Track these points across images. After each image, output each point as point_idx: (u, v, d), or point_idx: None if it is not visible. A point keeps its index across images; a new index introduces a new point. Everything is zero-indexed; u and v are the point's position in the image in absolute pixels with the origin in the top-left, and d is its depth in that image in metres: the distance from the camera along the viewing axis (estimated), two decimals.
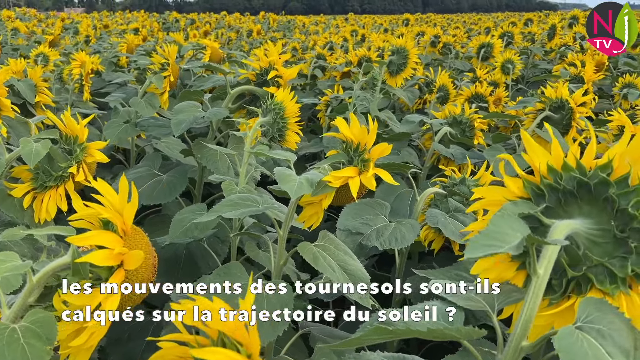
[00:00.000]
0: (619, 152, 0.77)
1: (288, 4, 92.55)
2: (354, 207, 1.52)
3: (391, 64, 2.75)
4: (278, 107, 1.41)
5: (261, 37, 8.04)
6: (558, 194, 0.82)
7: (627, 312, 0.74)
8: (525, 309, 0.71)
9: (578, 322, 0.69)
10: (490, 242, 0.69)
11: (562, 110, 1.98)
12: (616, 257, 0.77)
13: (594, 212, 0.79)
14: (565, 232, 0.75)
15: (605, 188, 0.78)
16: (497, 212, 0.76)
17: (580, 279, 0.79)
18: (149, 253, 0.79)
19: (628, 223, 0.76)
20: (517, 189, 0.87)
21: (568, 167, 0.81)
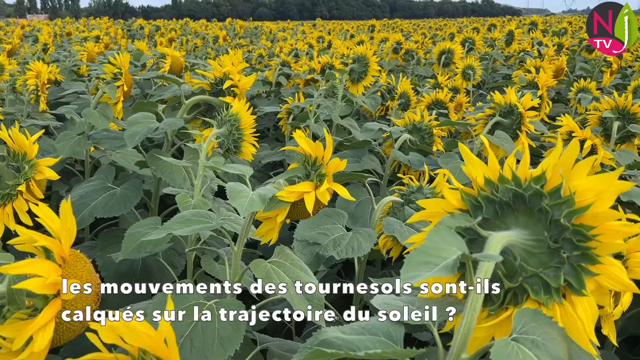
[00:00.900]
0: (552, 164, 0.78)
1: (256, 10, 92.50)
2: (312, 218, 1.52)
3: (352, 72, 2.76)
4: (233, 119, 1.40)
5: (227, 44, 8.00)
6: (495, 205, 0.83)
7: (561, 321, 0.75)
8: (464, 321, 0.72)
9: (514, 334, 0.69)
10: (426, 259, 0.68)
11: (512, 115, 2.02)
12: (550, 267, 0.78)
13: (530, 223, 0.81)
14: (501, 244, 0.76)
15: (539, 199, 0.79)
16: (433, 226, 0.77)
17: (516, 289, 0.79)
18: (90, 281, 0.77)
19: (561, 233, 0.77)
20: (455, 201, 0.87)
21: (504, 178, 0.82)
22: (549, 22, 15.61)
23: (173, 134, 1.82)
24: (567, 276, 0.76)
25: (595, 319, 0.76)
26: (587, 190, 0.75)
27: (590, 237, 0.75)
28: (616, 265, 0.75)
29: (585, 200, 0.75)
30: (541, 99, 2.49)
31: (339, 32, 11.21)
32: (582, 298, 0.76)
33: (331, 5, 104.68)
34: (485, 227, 0.84)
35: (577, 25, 11.04)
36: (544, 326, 0.70)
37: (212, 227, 1.01)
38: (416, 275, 0.67)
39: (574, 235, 0.76)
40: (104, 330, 0.61)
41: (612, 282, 0.75)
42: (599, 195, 0.74)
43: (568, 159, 0.76)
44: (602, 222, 0.74)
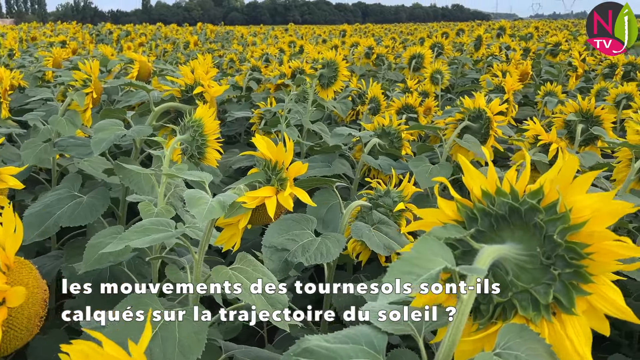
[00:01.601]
0: (550, 179, 0.77)
1: (229, 15, 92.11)
2: (280, 223, 1.51)
3: (322, 77, 2.77)
4: (197, 124, 1.38)
5: (198, 49, 7.94)
6: (491, 218, 0.82)
7: (549, 338, 0.74)
8: (449, 333, 0.71)
9: (497, 349, 0.69)
10: (409, 269, 0.67)
11: (481, 120, 2.06)
12: (542, 284, 0.77)
13: (525, 237, 0.79)
14: (492, 257, 0.75)
15: (534, 214, 0.77)
16: (421, 237, 0.75)
17: (505, 304, 0.79)
18: (37, 287, 0.75)
19: (554, 250, 0.76)
20: (451, 212, 0.85)
21: (501, 192, 0.81)
22: (516, 26, 15.93)
23: (141, 141, 1.80)
24: (558, 294, 0.75)
25: (589, 340, 0.74)
26: (584, 207, 0.73)
27: (583, 255, 0.74)
28: (610, 286, 0.74)
29: (581, 218, 0.74)
30: (507, 103, 2.54)
31: (311, 36, 11.23)
32: (573, 318, 0.74)
33: (303, 9, 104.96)
34: (479, 240, 0.83)
35: (543, 29, 11.30)
36: (530, 342, 0.70)
37: (172, 235, 0.99)
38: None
39: (567, 253, 0.75)
40: (75, 353, 0.59)
41: (605, 304, 0.74)
42: (595, 214, 0.73)
43: (567, 174, 0.75)
44: (598, 241, 0.73)
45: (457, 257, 0.82)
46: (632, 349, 1.77)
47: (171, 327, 0.97)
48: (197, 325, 0.98)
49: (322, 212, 2.18)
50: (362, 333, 0.75)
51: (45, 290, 0.77)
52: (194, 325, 0.98)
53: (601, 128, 2.18)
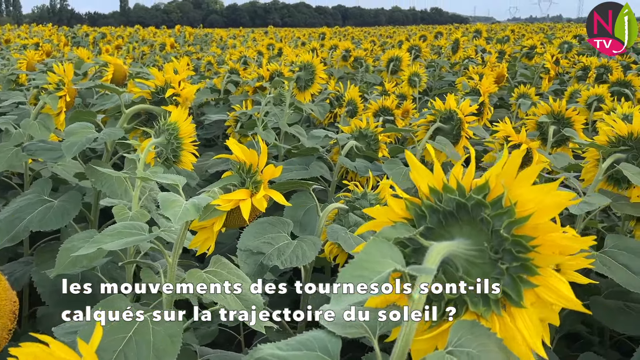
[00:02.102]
0: (495, 173, 0.77)
1: (208, 17, 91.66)
2: (256, 226, 1.51)
3: (299, 80, 2.77)
4: (172, 127, 1.38)
5: (176, 51, 7.88)
6: (439, 215, 0.82)
7: (500, 333, 0.75)
8: (402, 333, 0.70)
9: (449, 346, 0.69)
10: (360, 273, 0.67)
11: (452, 121, 2.08)
12: (491, 278, 0.77)
13: (473, 233, 0.80)
14: (441, 255, 0.74)
15: (481, 209, 0.78)
16: (371, 238, 0.75)
17: (457, 301, 0.79)
18: (4, 300, 0.74)
19: (501, 244, 0.76)
20: (400, 210, 0.85)
21: (448, 188, 0.81)
22: (494, 29, 16.14)
23: (113, 144, 1.78)
24: (506, 287, 0.76)
25: (540, 332, 0.75)
26: (529, 200, 0.74)
27: (529, 248, 0.74)
28: (556, 277, 0.75)
29: (526, 211, 0.74)
30: (483, 105, 2.57)
31: (290, 39, 11.24)
32: (522, 310, 0.75)
33: (283, 12, 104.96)
34: (429, 237, 0.83)
35: (520, 32, 11.47)
36: (481, 338, 0.70)
37: (145, 239, 0.99)
38: (349, 290, 0.67)
39: (514, 246, 0.75)
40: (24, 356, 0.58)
41: (552, 295, 0.75)
42: (539, 206, 0.73)
43: (511, 168, 0.75)
44: (543, 234, 0.74)
45: (407, 255, 0.82)
46: (603, 346, 1.80)
47: (145, 330, 0.96)
48: (172, 329, 0.98)
49: (299, 215, 2.19)
50: (316, 338, 0.75)
51: (15, 301, 0.76)
52: (169, 329, 0.97)
53: (572, 129, 2.22)
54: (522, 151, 0.78)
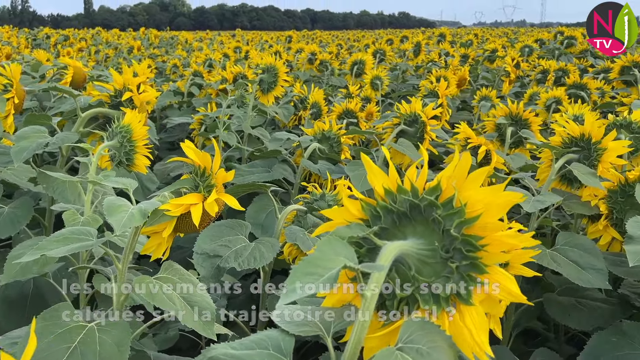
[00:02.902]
0: (447, 175, 0.79)
1: (175, 20, 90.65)
2: (213, 229, 1.49)
3: (262, 82, 2.76)
4: (125, 130, 1.35)
5: (141, 54, 7.76)
6: (393, 215, 0.83)
7: (449, 330, 0.76)
8: (354, 331, 0.71)
9: (400, 343, 0.70)
10: (311, 270, 0.67)
11: (416, 124, 2.10)
12: (442, 277, 0.79)
13: (426, 233, 0.81)
14: (394, 253, 0.76)
15: (433, 210, 0.80)
16: (325, 237, 0.76)
17: (409, 299, 0.80)
18: None
19: (452, 243, 0.78)
20: (356, 211, 0.86)
21: (402, 189, 0.83)
22: (459, 34, 16.40)
23: (68, 149, 1.74)
24: (456, 285, 0.77)
25: (486, 328, 0.77)
26: (478, 201, 0.77)
27: (478, 247, 0.76)
28: (503, 274, 0.77)
29: (475, 211, 0.77)
30: (442, 107, 2.60)
31: (257, 42, 11.20)
32: (471, 308, 0.77)
33: (252, 15, 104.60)
34: (383, 237, 0.84)
35: (484, 37, 11.69)
36: (431, 335, 0.72)
37: (92, 244, 0.96)
38: (297, 287, 0.67)
39: (464, 245, 0.77)
40: None
41: (501, 292, 0.77)
42: (488, 206, 0.76)
43: (461, 170, 0.78)
44: (490, 233, 0.76)
45: (363, 255, 0.84)
46: (558, 341, 1.85)
47: (91, 339, 0.94)
48: (120, 337, 0.96)
49: (262, 218, 2.17)
50: (270, 337, 0.75)
51: None
52: (116, 337, 0.95)
53: (529, 131, 2.27)
54: (468, 155, 0.79)
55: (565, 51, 6.21)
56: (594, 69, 4.99)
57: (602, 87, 3.83)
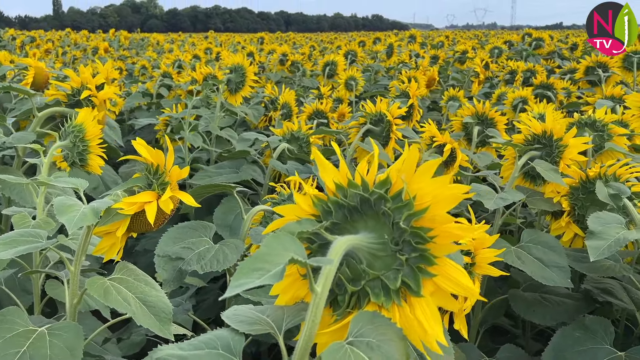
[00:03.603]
0: (397, 168, 0.79)
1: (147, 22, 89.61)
2: (176, 231, 1.47)
3: (230, 82, 2.73)
4: (77, 129, 1.31)
5: (110, 55, 7.63)
6: (344, 210, 0.83)
7: (399, 322, 0.76)
8: (306, 327, 0.70)
9: (350, 337, 0.69)
10: (259, 266, 0.66)
11: (382, 123, 2.10)
12: (392, 269, 0.79)
13: (377, 226, 0.81)
14: (344, 247, 0.75)
15: (383, 203, 0.80)
16: (272, 233, 0.75)
17: (360, 293, 0.80)
18: None
19: (401, 236, 0.78)
20: (308, 207, 0.87)
21: (353, 183, 0.83)
22: (431, 36, 16.58)
23: (25, 150, 1.68)
24: (406, 278, 0.78)
25: (439, 320, 0.77)
26: (426, 194, 0.77)
27: (427, 239, 0.77)
28: (454, 267, 0.78)
29: (424, 204, 0.77)
30: (412, 108, 2.61)
31: (230, 44, 11.11)
32: (421, 300, 0.77)
33: (225, 18, 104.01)
34: (335, 232, 0.84)
35: (455, 39, 11.83)
36: (382, 328, 0.71)
37: (41, 246, 0.93)
38: (245, 282, 0.65)
39: (413, 238, 0.77)
40: None
41: (450, 284, 0.77)
42: (436, 199, 0.76)
43: (410, 163, 0.78)
44: (439, 225, 0.76)
45: (314, 251, 0.84)
46: (525, 337, 1.86)
47: (41, 344, 0.90)
48: (71, 341, 0.92)
49: (230, 219, 2.14)
50: (219, 337, 0.73)
51: None
52: (68, 341, 0.92)
53: (495, 129, 2.29)
54: (416, 148, 0.79)
55: (533, 52, 6.32)
56: (561, 70, 5.08)
57: (569, 87, 3.90)
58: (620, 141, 1.98)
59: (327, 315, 0.85)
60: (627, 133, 1.99)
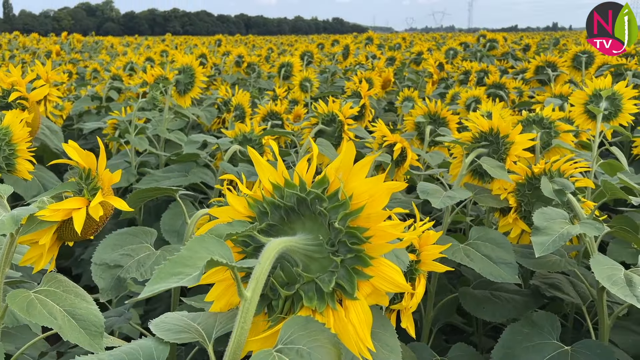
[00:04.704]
0: (335, 167, 0.77)
1: (103, 25, 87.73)
2: (115, 238, 1.40)
3: (179, 84, 2.66)
4: (2, 133, 1.23)
5: (61, 59, 7.39)
6: (281, 211, 0.81)
7: (334, 327, 0.73)
8: (234, 335, 0.66)
9: (279, 344, 0.66)
10: (179, 270, 0.63)
11: (334, 124, 2.08)
12: (328, 272, 0.76)
13: (314, 227, 0.79)
14: (276, 250, 0.72)
15: (319, 203, 0.77)
16: (196, 235, 0.70)
17: (294, 297, 0.77)
18: None
19: (337, 236, 0.76)
20: (243, 208, 0.84)
21: (290, 183, 0.80)
22: (390, 38, 16.76)
23: None
24: (341, 280, 0.75)
25: (370, 323, 0.75)
26: (362, 192, 0.75)
27: (363, 239, 0.74)
28: (390, 266, 0.76)
29: (360, 203, 0.75)
30: (364, 108, 2.60)
31: (186, 46, 10.94)
32: (356, 302, 0.75)
33: (184, 20, 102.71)
34: (272, 234, 0.81)
35: (412, 40, 11.95)
36: (314, 334, 0.68)
37: None
38: (159, 286, 0.61)
39: (348, 238, 0.75)
40: None
41: (386, 284, 0.75)
42: (372, 197, 0.74)
43: (347, 162, 0.76)
44: (374, 224, 0.74)
45: (249, 254, 0.81)
46: (478, 335, 1.87)
47: None
48: None
49: (178, 224, 2.08)
50: (142, 346, 0.69)
51: None
52: None
53: (447, 129, 2.30)
54: (352, 145, 0.77)
55: (488, 53, 6.44)
56: (514, 70, 5.19)
57: (520, 86, 3.97)
58: (567, 138, 2.01)
59: (262, 322, 0.81)
60: (572, 130, 2.02)
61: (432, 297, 1.60)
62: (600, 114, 1.97)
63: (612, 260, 1.26)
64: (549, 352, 1.30)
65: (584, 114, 2.30)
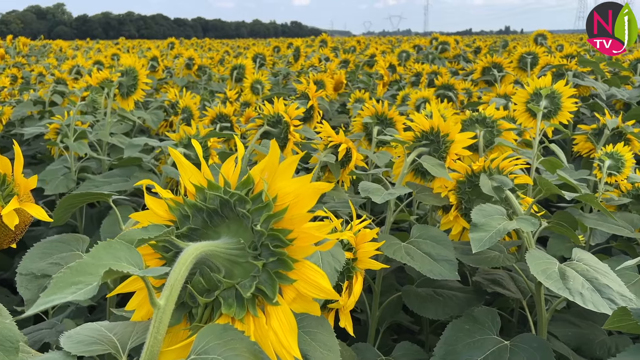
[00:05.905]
0: (260, 168, 0.75)
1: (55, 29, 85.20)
2: (43, 246, 1.34)
3: (122, 86, 2.58)
4: None
5: (5, 63, 7.11)
6: (203, 214, 0.78)
7: (254, 335, 0.71)
8: (147, 345, 0.63)
9: (192, 355, 0.63)
10: (78, 279, 0.58)
11: (280, 125, 2.06)
12: (250, 277, 0.74)
13: (239, 231, 0.76)
14: (194, 255, 0.69)
15: (243, 205, 0.75)
16: (102, 242, 0.66)
17: (214, 304, 0.74)
18: None
19: (260, 239, 0.73)
20: (163, 212, 0.81)
21: (213, 185, 0.77)
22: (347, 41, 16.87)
23: None
24: (262, 285, 0.73)
25: (295, 329, 0.72)
26: (287, 193, 0.73)
27: (286, 242, 0.72)
28: (314, 270, 0.73)
29: (284, 204, 0.72)
30: (312, 109, 2.58)
31: (138, 50, 10.71)
32: (278, 308, 0.72)
33: (140, 24, 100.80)
34: (195, 238, 0.78)
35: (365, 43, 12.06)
36: (232, 343, 0.65)
37: None
38: (55, 299, 0.57)
39: (271, 241, 0.73)
40: None
41: (311, 289, 0.73)
42: (297, 198, 0.72)
43: (272, 162, 0.73)
44: (298, 225, 0.72)
45: (169, 260, 0.77)
46: (425, 333, 1.87)
47: None
48: None
49: (118, 231, 2.01)
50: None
51: None
52: None
53: (394, 129, 2.31)
54: (276, 145, 0.75)
55: (440, 56, 6.55)
56: (463, 72, 5.29)
57: (469, 87, 4.04)
58: (509, 136, 2.05)
59: (183, 331, 0.78)
60: (514, 128, 2.06)
61: (377, 297, 1.59)
62: (540, 112, 2.01)
63: (547, 254, 1.28)
64: (490, 348, 1.31)
65: (526, 112, 2.36)
